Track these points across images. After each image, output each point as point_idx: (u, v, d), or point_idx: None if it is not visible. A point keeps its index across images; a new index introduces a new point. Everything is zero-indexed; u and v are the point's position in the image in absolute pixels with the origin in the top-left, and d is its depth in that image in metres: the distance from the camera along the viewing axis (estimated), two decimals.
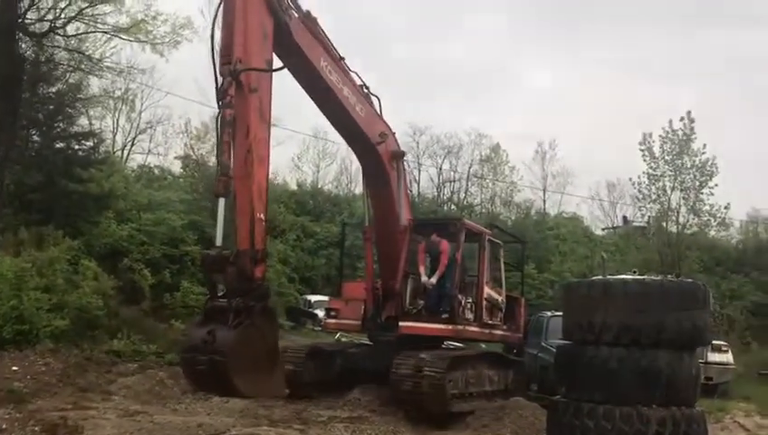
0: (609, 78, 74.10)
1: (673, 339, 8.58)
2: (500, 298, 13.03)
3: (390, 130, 12.85)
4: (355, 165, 45.33)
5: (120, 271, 20.47)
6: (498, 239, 14.05)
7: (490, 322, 12.64)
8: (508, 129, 69.24)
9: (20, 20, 15.19)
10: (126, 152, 33.99)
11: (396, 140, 13.09)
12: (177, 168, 33.05)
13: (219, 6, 10.59)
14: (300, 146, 42.73)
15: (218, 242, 10.04)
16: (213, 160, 29.71)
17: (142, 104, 33.89)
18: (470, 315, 12.22)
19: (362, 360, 12.18)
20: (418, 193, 42.81)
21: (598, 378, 8.73)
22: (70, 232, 17.46)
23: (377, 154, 12.43)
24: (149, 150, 35.45)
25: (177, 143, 35.39)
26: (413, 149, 43.69)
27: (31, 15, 16.19)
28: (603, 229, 49.10)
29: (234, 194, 10.36)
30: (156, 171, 32.32)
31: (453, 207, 43.12)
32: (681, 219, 27.65)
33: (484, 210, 43.89)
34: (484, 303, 12.40)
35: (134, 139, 34.46)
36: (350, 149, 14.00)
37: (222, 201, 9.94)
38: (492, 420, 10.97)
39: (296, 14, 11.20)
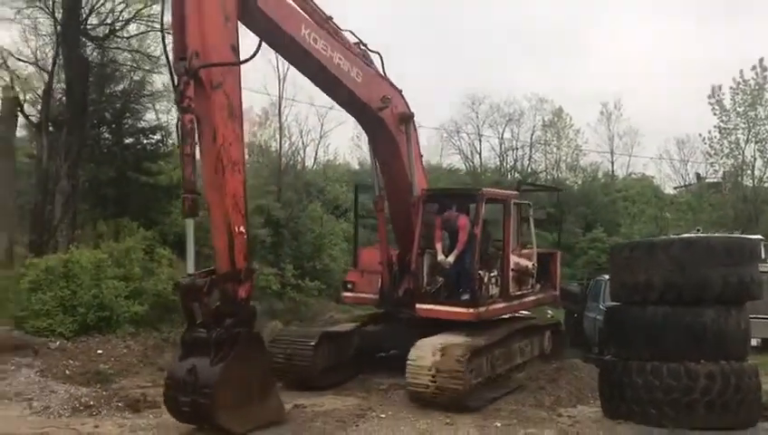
0: (674, 30, 71.30)
1: (718, 295, 8.67)
2: (530, 263, 12.20)
3: (396, 89, 11.47)
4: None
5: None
6: (526, 198, 13.10)
7: (518, 292, 11.86)
8: (570, 91, 67.54)
9: (82, 26, 16.00)
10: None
11: (404, 100, 11.65)
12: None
13: None
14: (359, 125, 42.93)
15: (189, 269, 8.41)
16: (274, 146, 30.64)
17: None
18: (495, 290, 11.22)
19: (380, 339, 11.66)
20: (480, 163, 42.66)
21: (644, 336, 8.95)
22: (144, 223, 18.33)
23: (380, 120, 11.16)
24: None
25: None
26: (472, 119, 43.50)
27: (92, 21, 16.98)
28: (675, 188, 47.77)
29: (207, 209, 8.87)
30: None
31: (516, 175, 42.72)
32: (757, 173, 26.81)
33: (549, 176, 43.31)
34: (511, 273, 11.56)
35: None
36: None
37: (190, 222, 8.28)
38: (548, 382, 11.27)
39: None
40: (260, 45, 8.67)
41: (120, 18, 17.34)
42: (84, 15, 15.86)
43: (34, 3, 16.86)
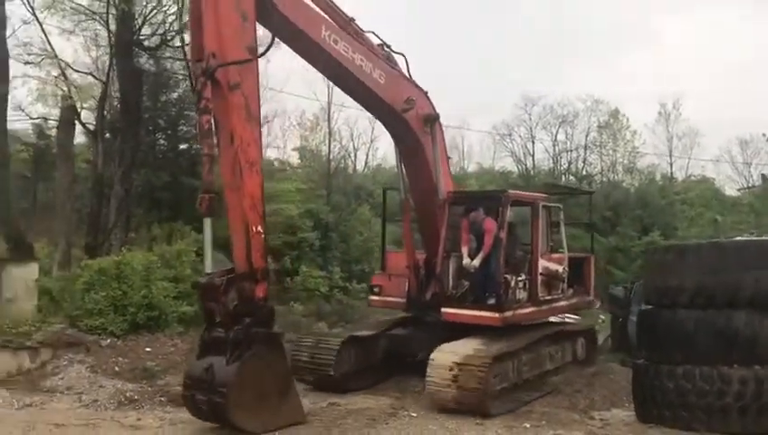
0: (734, 25, 69.14)
1: (750, 299, 8.52)
2: (560, 267, 11.88)
3: (421, 90, 11.29)
4: (467, 141, 45.68)
5: None
6: (555, 202, 12.79)
7: (548, 297, 11.56)
8: (627, 92, 66.21)
9: (135, 36, 16.69)
10: None
11: (429, 102, 11.44)
12: (295, 159, 34.70)
13: None
14: None
15: (208, 269, 8.56)
16: (324, 150, 31.13)
17: (259, 101, 35.58)
18: (522, 295, 10.94)
19: (408, 343, 11.43)
20: (533, 165, 42.36)
21: (675, 340, 8.88)
22: (197, 227, 18.88)
23: (405, 122, 10.99)
24: (268, 144, 37.32)
25: (294, 135, 36.99)
26: (525, 121, 43.20)
27: (145, 31, 17.67)
28: (738, 190, 46.36)
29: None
30: (276, 164, 33.96)
31: (571, 177, 42.23)
32: None
33: (604, 179, 42.69)
34: (540, 278, 11.29)
35: None
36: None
37: (208, 222, 8.44)
38: (584, 386, 11.29)
39: None
40: (272, 42, 8.81)
41: (171, 29, 17.96)
42: (137, 27, 16.52)
43: (92, 15, 17.65)
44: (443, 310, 10.78)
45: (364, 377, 11.30)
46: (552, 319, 13.00)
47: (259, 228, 8.65)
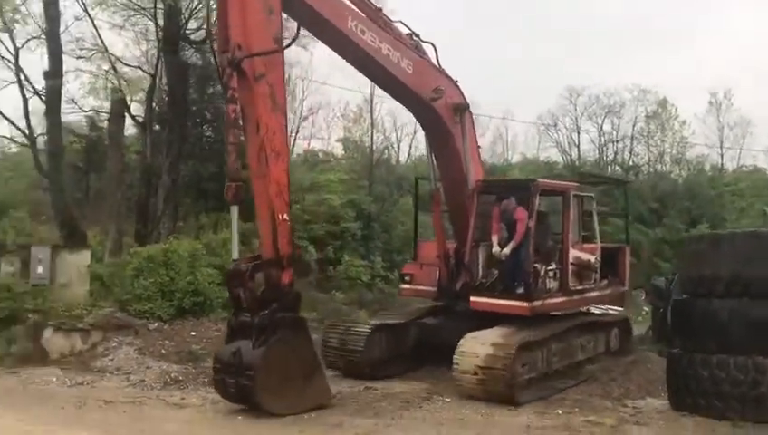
0: None
1: None
2: (593, 257, 11.71)
3: (450, 80, 11.26)
4: (512, 131, 45.38)
5: None
6: (590, 191, 12.67)
7: (579, 287, 11.42)
8: (675, 82, 64.55)
9: (181, 31, 17.17)
10: (293, 139, 36.51)
11: (458, 91, 11.39)
12: (339, 150, 35.09)
13: None
14: None
15: (234, 255, 8.86)
16: (367, 141, 31.42)
17: (303, 93, 36.07)
18: (553, 284, 10.87)
19: (438, 332, 11.37)
20: (579, 156, 41.83)
21: (710, 329, 8.86)
22: (243, 215, 19.37)
23: (434, 111, 10.97)
24: (312, 135, 37.75)
25: (337, 127, 37.37)
26: (570, 112, 42.68)
27: (191, 26, 18.13)
28: None
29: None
30: (320, 155, 34.40)
31: (617, 168, 41.65)
32: None
33: (651, 169, 41.98)
34: (571, 267, 11.15)
35: (298, 126, 36.88)
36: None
37: (234, 209, 8.66)
38: (620, 375, 11.31)
39: None
40: (298, 32, 9.05)
41: (215, 23, 18.29)
42: (183, 21, 16.98)
43: (141, 10, 18.20)
44: (471, 299, 10.82)
45: (395, 364, 11.47)
46: (593, 310, 13.05)
47: (285, 216, 8.82)
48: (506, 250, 10.83)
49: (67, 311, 12.89)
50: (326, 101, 36.67)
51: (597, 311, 14.04)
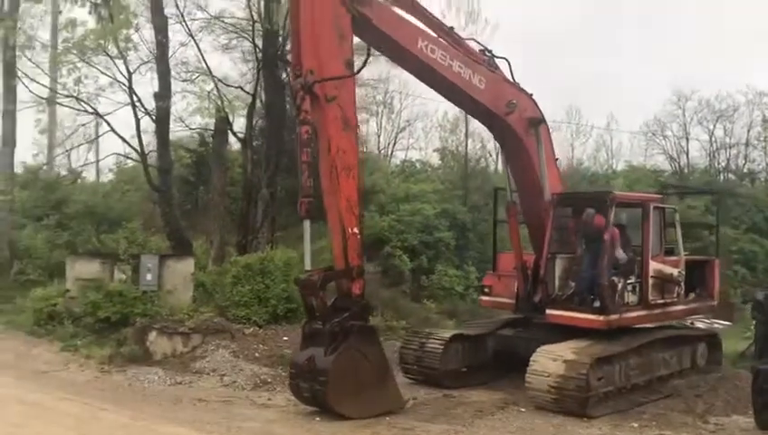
0: None
1: None
2: (676, 271, 11.50)
3: (525, 93, 11.44)
4: (617, 139, 44.12)
5: (383, 257, 22.87)
6: (673, 204, 12.70)
7: (660, 300, 11.24)
8: None
9: (279, 51, 18.04)
10: (390, 150, 37.15)
11: (533, 104, 11.57)
12: (435, 160, 35.38)
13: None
14: (552, 126, 41.81)
15: (307, 266, 9.34)
16: (462, 150, 31.58)
17: (401, 105, 36.66)
18: (632, 298, 10.84)
19: (515, 343, 11.39)
20: (687, 163, 40.14)
21: None
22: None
23: (507, 125, 11.19)
24: (410, 146, 38.20)
25: (435, 137, 37.66)
26: (677, 117, 41.04)
27: (287, 46, 18.96)
28: None
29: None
30: (417, 165, 34.81)
31: (730, 175, 39.69)
32: None
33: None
34: (651, 280, 11.01)
35: (396, 137, 37.46)
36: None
37: (307, 223, 9.21)
38: (706, 391, 11.03)
39: (378, 0, 9.83)
40: (368, 58, 9.49)
41: None
42: (280, 42, 17.84)
43: (241, 33, 19.30)
44: (547, 311, 10.92)
45: (475, 374, 11.68)
46: (698, 324, 12.70)
47: (355, 230, 9.32)
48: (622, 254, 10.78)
49: (171, 315, 13.91)
50: (424, 111, 37.15)
51: (701, 325, 13.68)
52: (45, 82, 18.49)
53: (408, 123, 37.41)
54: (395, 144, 37.17)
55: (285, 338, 13.97)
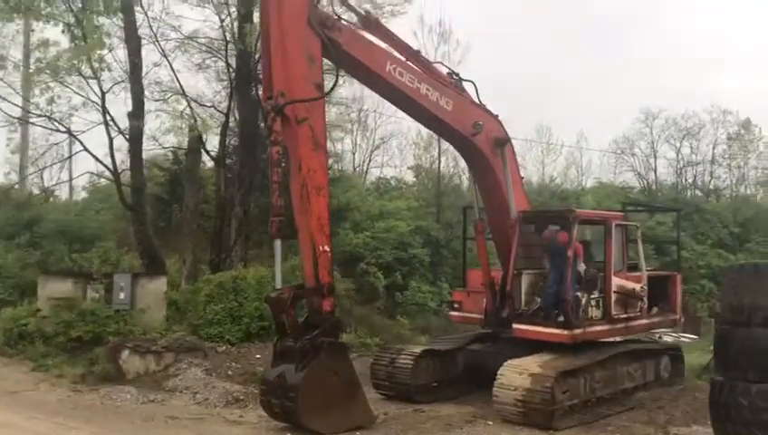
0: None
1: None
2: (638, 286, 11.82)
3: (491, 114, 11.65)
4: (586, 156, 44.86)
5: (357, 274, 23.00)
6: (634, 220, 12.97)
7: (624, 315, 11.58)
8: (758, 101, 61.97)
9: (252, 71, 18.19)
10: (365, 168, 37.42)
11: (499, 125, 11.81)
12: (410, 177, 35.73)
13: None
14: (523, 145, 42.21)
15: (278, 284, 9.55)
16: (435, 167, 31.91)
17: (375, 123, 36.97)
18: (596, 313, 11.19)
19: (484, 358, 11.57)
20: (655, 180, 41.03)
21: (750, 358, 8.86)
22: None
23: (474, 145, 11.44)
24: (385, 164, 38.49)
25: (409, 154, 38.02)
26: (645, 135, 41.96)
27: (260, 66, 19.18)
28: None
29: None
30: (392, 182, 35.07)
31: (696, 192, 40.62)
32: None
33: (732, 193, 40.69)
34: (614, 296, 11.33)
35: (371, 154, 37.74)
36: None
37: (278, 243, 9.44)
38: (668, 402, 11.34)
39: (347, 25, 10.27)
40: (336, 81, 9.86)
41: None
42: (254, 62, 18.01)
43: (215, 53, 19.48)
44: (514, 326, 11.13)
45: (446, 389, 11.87)
46: (666, 338, 12.95)
47: (325, 247, 9.50)
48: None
49: (144, 334, 13.95)
50: (398, 129, 37.47)
51: (668, 338, 14.00)
52: (17, 101, 18.47)
53: (382, 141, 37.75)
54: (370, 162, 37.46)
55: (258, 356, 14.07)
